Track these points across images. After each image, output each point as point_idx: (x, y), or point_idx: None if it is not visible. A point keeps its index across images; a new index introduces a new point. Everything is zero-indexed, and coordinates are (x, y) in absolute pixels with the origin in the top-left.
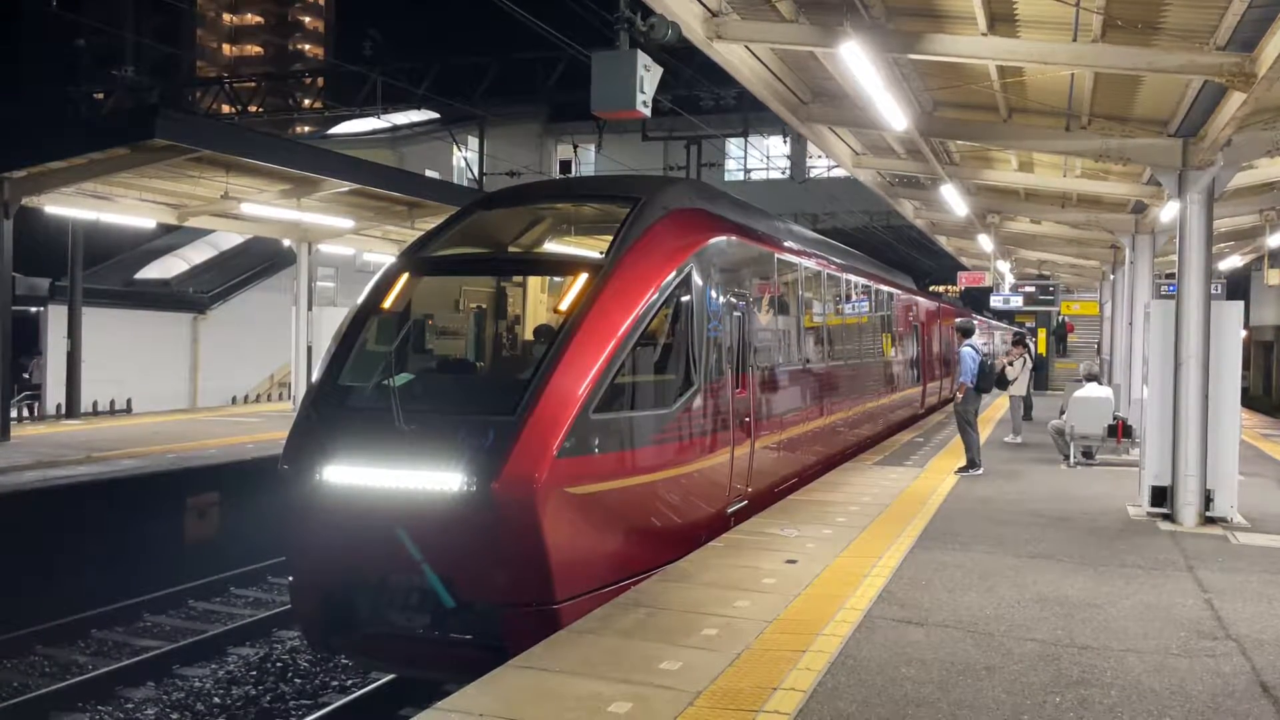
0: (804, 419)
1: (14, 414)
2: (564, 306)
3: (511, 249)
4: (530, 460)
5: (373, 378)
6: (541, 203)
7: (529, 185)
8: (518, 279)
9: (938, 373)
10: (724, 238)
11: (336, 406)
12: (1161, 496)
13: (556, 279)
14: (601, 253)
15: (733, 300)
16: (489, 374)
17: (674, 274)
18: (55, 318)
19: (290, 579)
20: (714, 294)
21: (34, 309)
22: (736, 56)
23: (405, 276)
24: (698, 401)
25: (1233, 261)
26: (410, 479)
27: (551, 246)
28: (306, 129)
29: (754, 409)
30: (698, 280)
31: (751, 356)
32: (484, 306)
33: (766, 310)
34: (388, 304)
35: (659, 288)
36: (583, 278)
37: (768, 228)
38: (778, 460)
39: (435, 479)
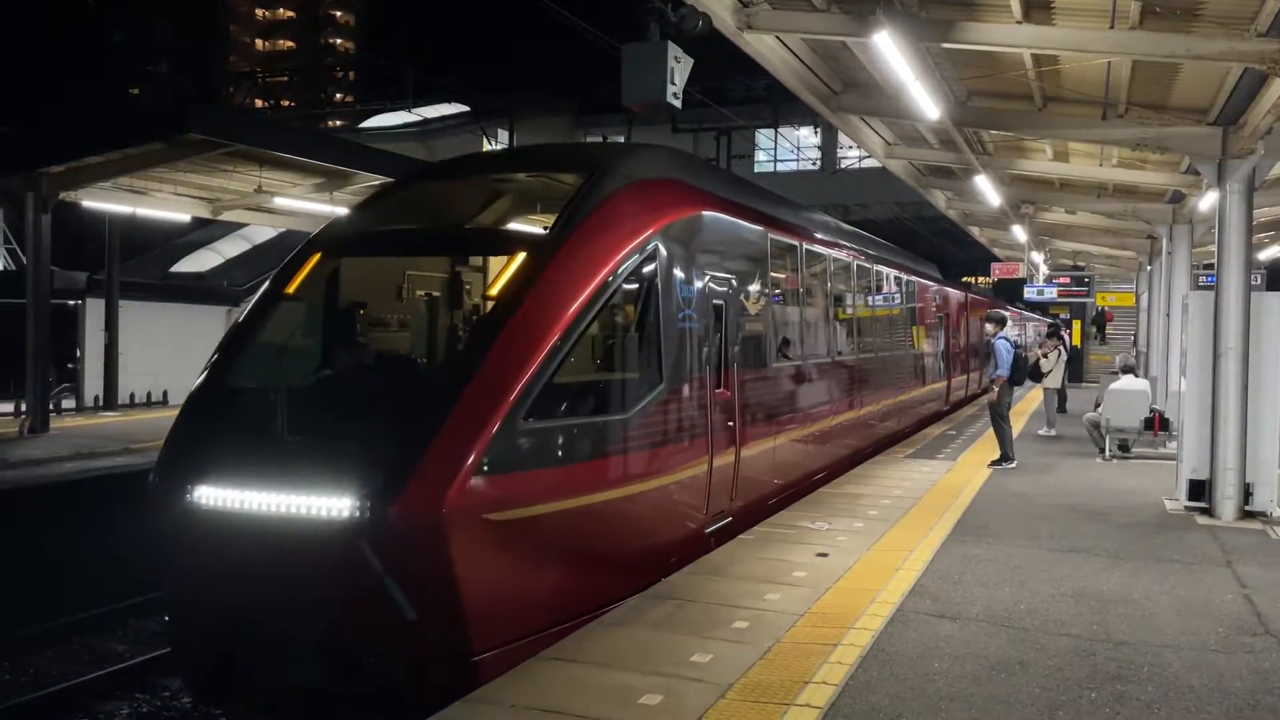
0: (803, 422)
1: (52, 405)
2: (494, 292)
3: (450, 226)
4: (438, 479)
5: (265, 378)
6: (490, 174)
7: (479, 155)
8: (445, 260)
9: (965, 367)
10: (702, 213)
11: (218, 412)
12: (1199, 490)
13: (491, 259)
14: (546, 228)
15: (714, 286)
16: (401, 373)
17: (635, 253)
18: (93, 311)
19: (166, 620)
20: (688, 278)
21: (72, 302)
22: (767, 47)
23: (317, 256)
24: (665, 404)
25: (1273, 252)
26: (292, 502)
27: (503, 224)
28: (338, 123)
29: (740, 412)
30: (666, 261)
31: (737, 351)
32: (404, 292)
33: (758, 298)
34: (292, 289)
35: (614, 269)
36: (520, 258)
37: (765, 206)
38: (771, 470)
39: (321, 503)
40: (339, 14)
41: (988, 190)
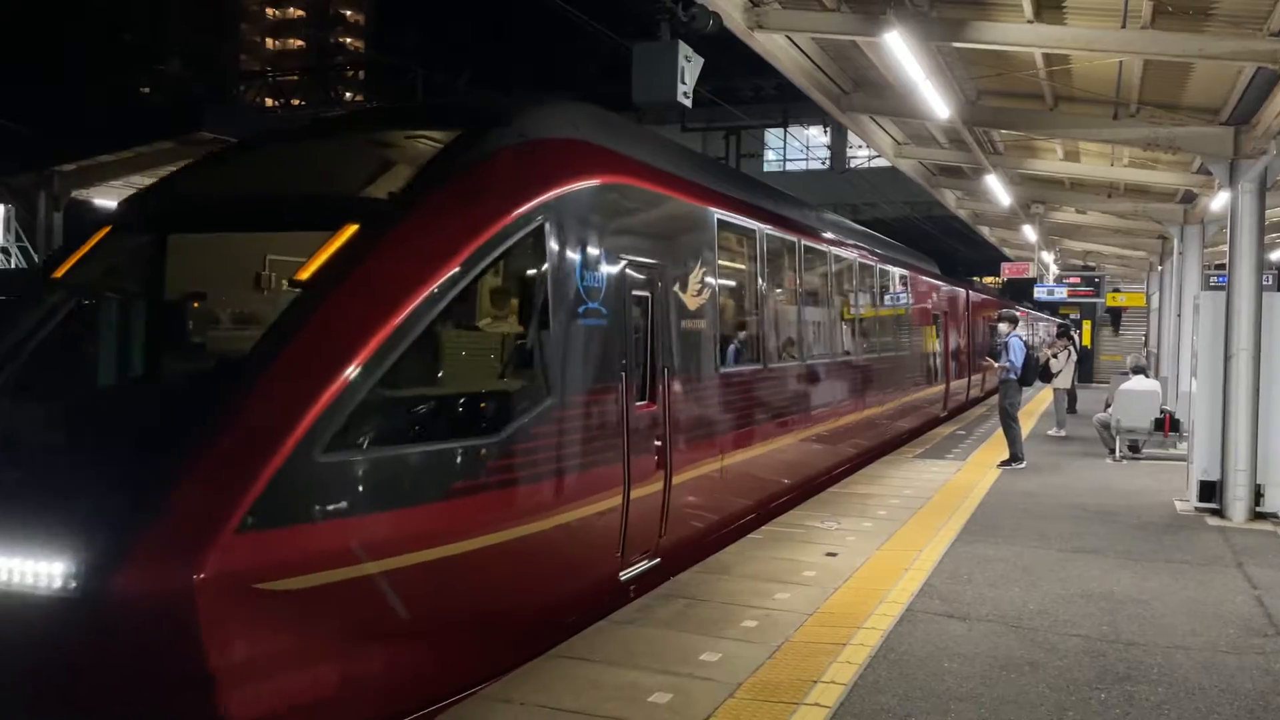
0: (758, 438)
1: None
2: (304, 276)
3: (262, 194)
4: (184, 536)
5: None
6: (361, 133)
7: (358, 111)
8: (253, 236)
9: (966, 369)
10: (620, 183)
11: None
12: (1210, 491)
13: (311, 234)
14: (390, 194)
15: (637, 275)
16: (172, 388)
17: (515, 227)
18: None
19: None
20: (594, 262)
21: None
22: (777, 46)
23: (105, 231)
24: (554, 422)
25: None
26: None
27: (352, 191)
28: None
29: (672, 428)
30: (562, 239)
31: (672, 354)
32: (220, 278)
33: (701, 291)
34: (61, 274)
35: (481, 247)
36: (348, 232)
37: (717, 183)
38: (716, 497)
39: (23, 568)
40: (349, 13)
41: (998, 190)
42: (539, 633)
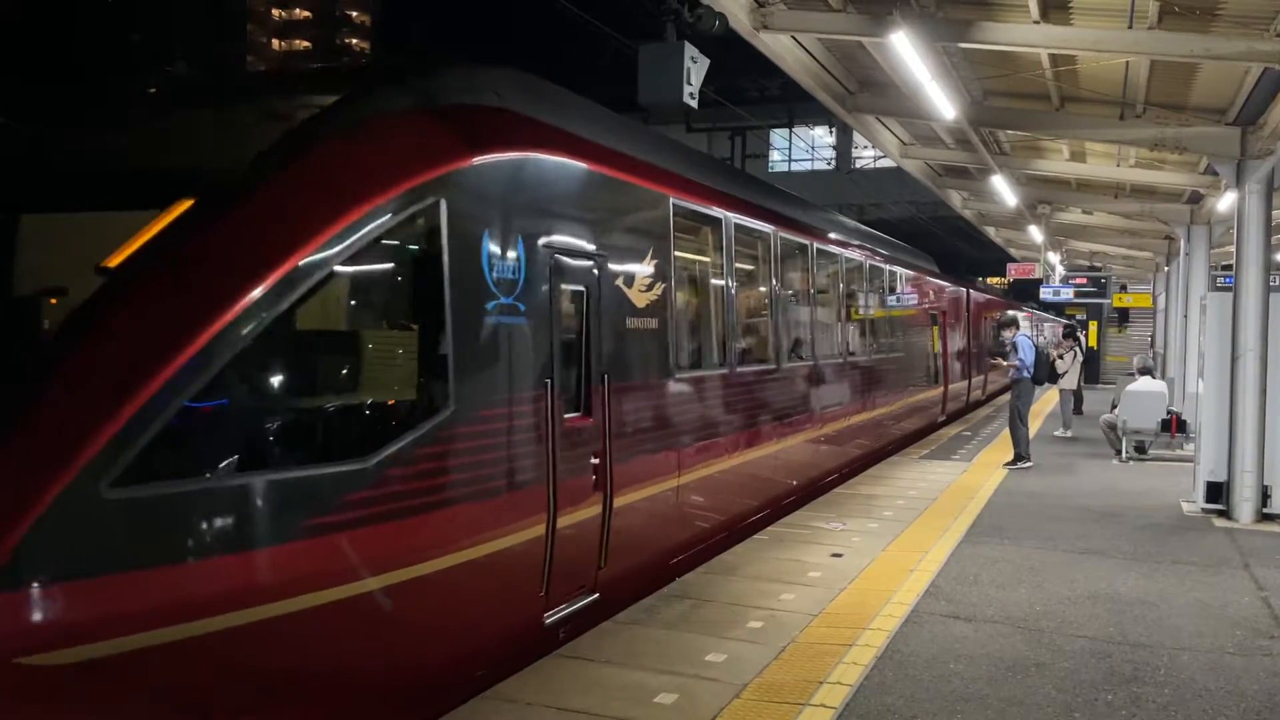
0: (722, 452)
1: None
2: (113, 263)
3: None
4: None
5: None
6: (225, 99)
7: (220, 79)
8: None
9: (967, 372)
10: (550, 157)
11: None
12: (1217, 492)
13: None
14: (244, 164)
15: (571, 264)
16: None
17: (398, 204)
18: None
19: None
20: (508, 249)
21: None
22: (783, 47)
23: None
24: (453, 440)
25: None
26: None
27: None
28: None
29: (613, 444)
30: (464, 221)
31: (614, 358)
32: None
33: (653, 285)
34: None
35: (352, 226)
36: (180, 209)
37: (675, 164)
38: (668, 519)
39: None
40: (354, 14)
41: (1004, 190)
42: (430, 694)
